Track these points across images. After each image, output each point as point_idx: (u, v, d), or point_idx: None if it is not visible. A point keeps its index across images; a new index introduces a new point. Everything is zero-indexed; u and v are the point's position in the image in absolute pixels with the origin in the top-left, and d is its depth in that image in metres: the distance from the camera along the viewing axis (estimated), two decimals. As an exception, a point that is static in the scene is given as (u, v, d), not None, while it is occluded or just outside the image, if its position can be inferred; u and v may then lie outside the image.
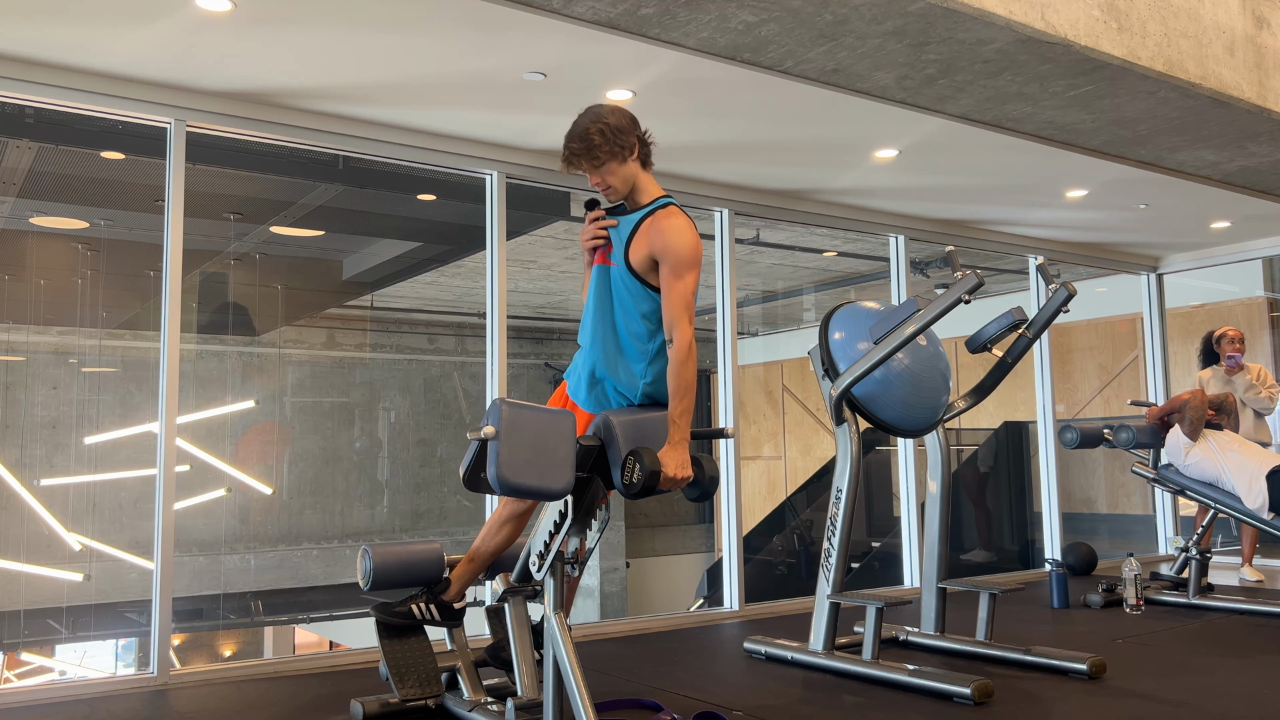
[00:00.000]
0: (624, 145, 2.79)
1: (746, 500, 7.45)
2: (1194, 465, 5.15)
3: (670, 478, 2.59)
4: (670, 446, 2.64)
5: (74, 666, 9.32)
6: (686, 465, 2.64)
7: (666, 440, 2.66)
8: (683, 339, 2.69)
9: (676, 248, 2.72)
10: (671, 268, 2.72)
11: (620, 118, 2.81)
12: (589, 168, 2.80)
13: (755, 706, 3.35)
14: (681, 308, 2.71)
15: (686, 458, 2.65)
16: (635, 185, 2.86)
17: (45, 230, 6.76)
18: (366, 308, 9.54)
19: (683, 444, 2.66)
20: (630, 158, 2.81)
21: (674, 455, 2.63)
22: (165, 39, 3.48)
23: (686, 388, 2.69)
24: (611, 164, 2.79)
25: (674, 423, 2.67)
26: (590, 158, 2.78)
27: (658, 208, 2.81)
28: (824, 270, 8.39)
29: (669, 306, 2.73)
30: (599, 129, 2.77)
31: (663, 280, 2.74)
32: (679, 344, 2.70)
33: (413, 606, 3.22)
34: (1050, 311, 4.31)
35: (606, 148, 2.77)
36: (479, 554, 3.15)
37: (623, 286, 2.84)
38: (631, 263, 2.81)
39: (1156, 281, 7.60)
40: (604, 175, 2.81)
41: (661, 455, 2.61)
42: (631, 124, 2.83)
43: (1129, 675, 3.72)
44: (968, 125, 4.47)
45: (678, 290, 2.72)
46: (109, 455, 8.13)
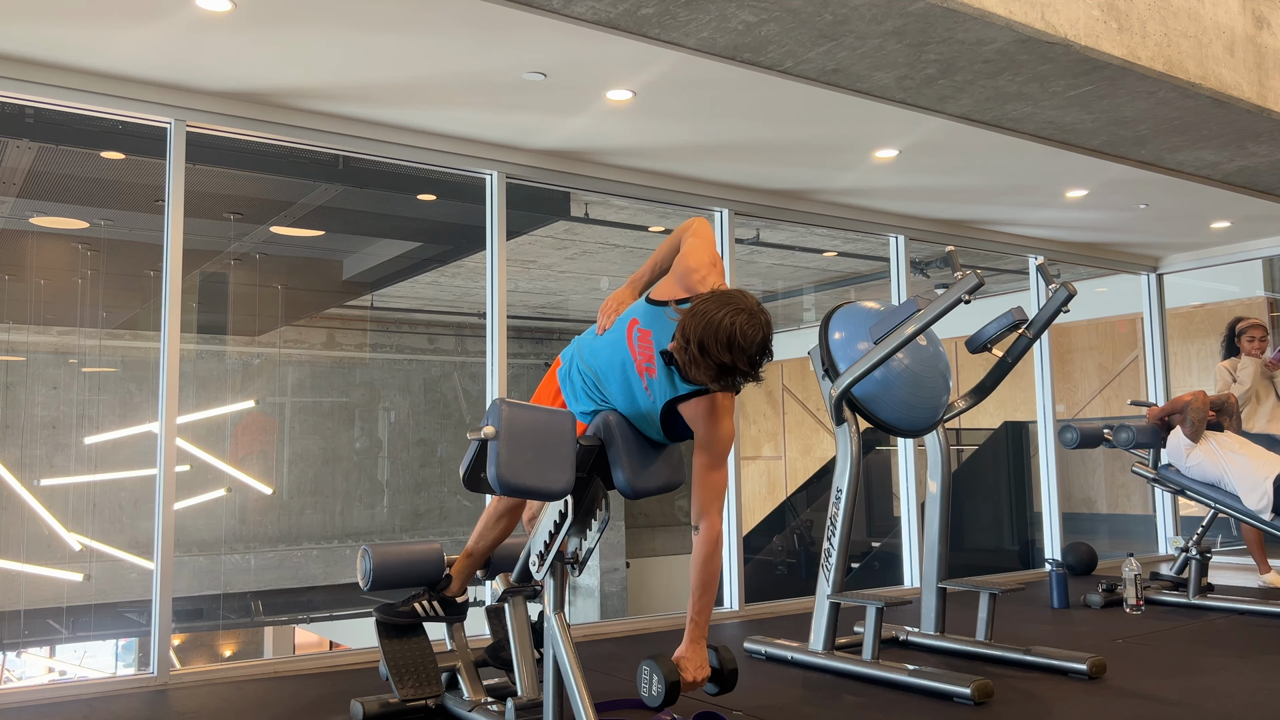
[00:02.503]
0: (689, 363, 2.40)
1: (746, 500, 7.45)
2: (1195, 466, 5.15)
3: (690, 682, 2.49)
4: (688, 645, 2.54)
5: (74, 666, 9.32)
6: (705, 665, 2.53)
7: (684, 638, 2.56)
8: (711, 530, 2.54)
9: (724, 439, 2.55)
10: (712, 459, 2.55)
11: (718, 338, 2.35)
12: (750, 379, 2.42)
13: (755, 706, 3.35)
14: (713, 498, 2.55)
15: (705, 657, 2.55)
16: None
17: (45, 230, 6.76)
18: (366, 308, 9.53)
19: (701, 641, 2.55)
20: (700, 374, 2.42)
21: (693, 656, 2.52)
22: (165, 39, 3.48)
23: (710, 584, 2.55)
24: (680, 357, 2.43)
25: (693, 621, 2.55)
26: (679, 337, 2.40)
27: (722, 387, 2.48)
28: (824, 270, 8.39)
29: (702, 494, 2.55)
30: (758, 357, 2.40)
31: (698, 465, 2.56)
32: (708, 535, 2.54)
33: (416, 605, 3.23)
34: (1050, 311, 4.31)
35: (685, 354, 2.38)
36: (476, 549, 3.17)
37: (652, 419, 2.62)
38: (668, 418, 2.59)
39: (1156, 281, 7.60)
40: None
41: (679, 658, 2.53)
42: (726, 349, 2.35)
43: (1129, 675, 3.72)
44: (968, 125, 4.47)
45: (714, 481, 2.56)
46: (109, 455, 8.13)
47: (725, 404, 2.56)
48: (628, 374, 2.64)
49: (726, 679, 2.57)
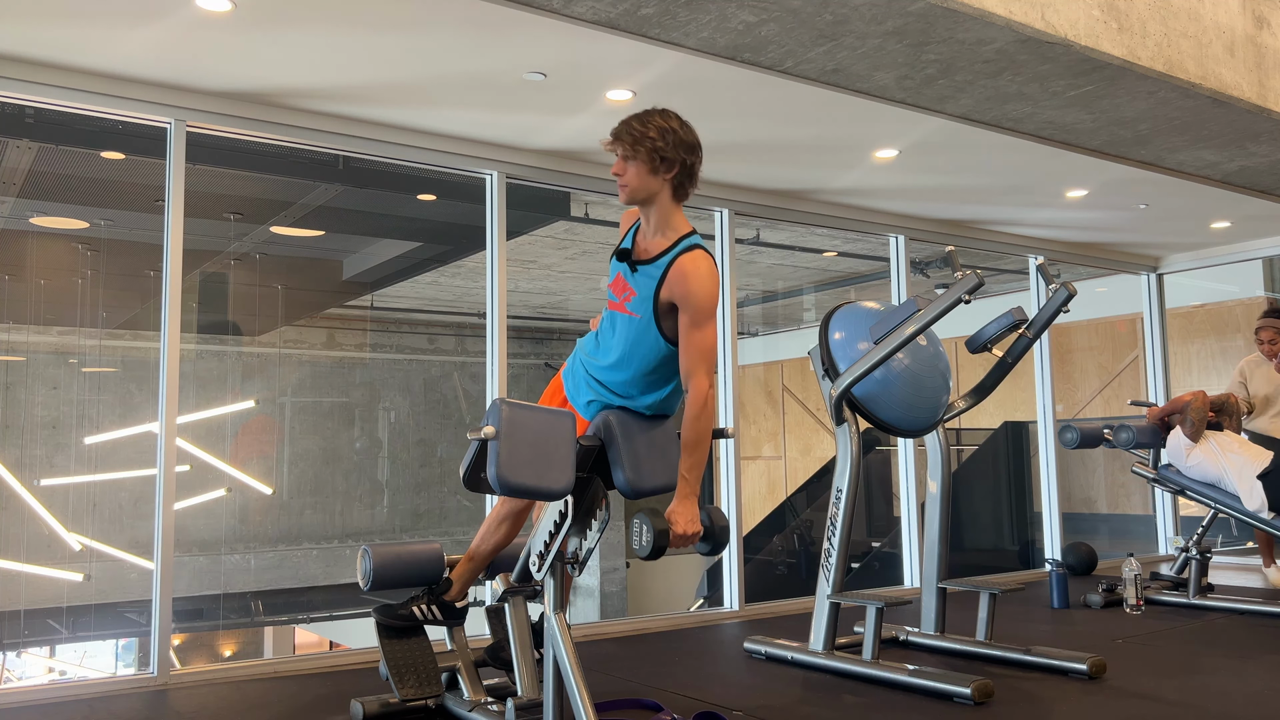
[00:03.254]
0: (665, 158, 2.65)
1: (746, 500, 7.45)
2: (1195, 466, 5.15)
3: (680, 535, 2.52)
4: (679, 501, 2.57)
5: (74, 666, 9.32)
6: (696, 521, 2.56)
7: (675, 495, 2.60)
8: (699, 391, 2.59)
9: (699, 296, 2.60)
10: (692, 317, 2.61)
11: (687, 135, 2.70)
12: (623, 151, 2.66)
13: (755, 706, 3.35)
14: (699, 358, 2.61)
15: (696, 513, 2.57)
16: (658, 212, 2.71)
17: (45, 230, 6.76)
18: (366, 308, 9.54)
19: (692, 498, 2.58)
20: (664, 174, 2.66)
21: (683, 511, 2.55)
22: (165, 39, 3.48)
23: (700, 441, 2.60)
24: (643, 163, 2.65)
25: (683, 477, 2.59)
26: (631, 141, 2.65)
27: (683, 250, 2.66)
28: (824, 270, 8.39)
29: (687, 356, 2.62)
30: (661, 126, 2.66)
31: (681, 328, 2.63)
32: (695, 395, 2.59)
33: (414, 609, 3.22)
34: (1050, 311, 4.31)
35: (649, 151, 2.64)
36: (478, 553, 3.17)
37: (651, 337, 2.71)
38: (659, 313, 2.68)
39: (1156, 281, 7.61)
40: (629, 167, 2.67)
41: (670, 512, 2.55)
42: (687, 146, 2.69)
43: (1129, 675, 3.72)
44: (968, 125, 4.47)
45: (696, 340, 2.61)
46: (109, 455, 8.13)
47: (695, 263, 2.64)
48: (617, 321, 2.77)
49: (718, 537, 2.60)
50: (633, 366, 2.74)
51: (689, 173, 2.71)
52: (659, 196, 2.70)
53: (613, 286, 2.82)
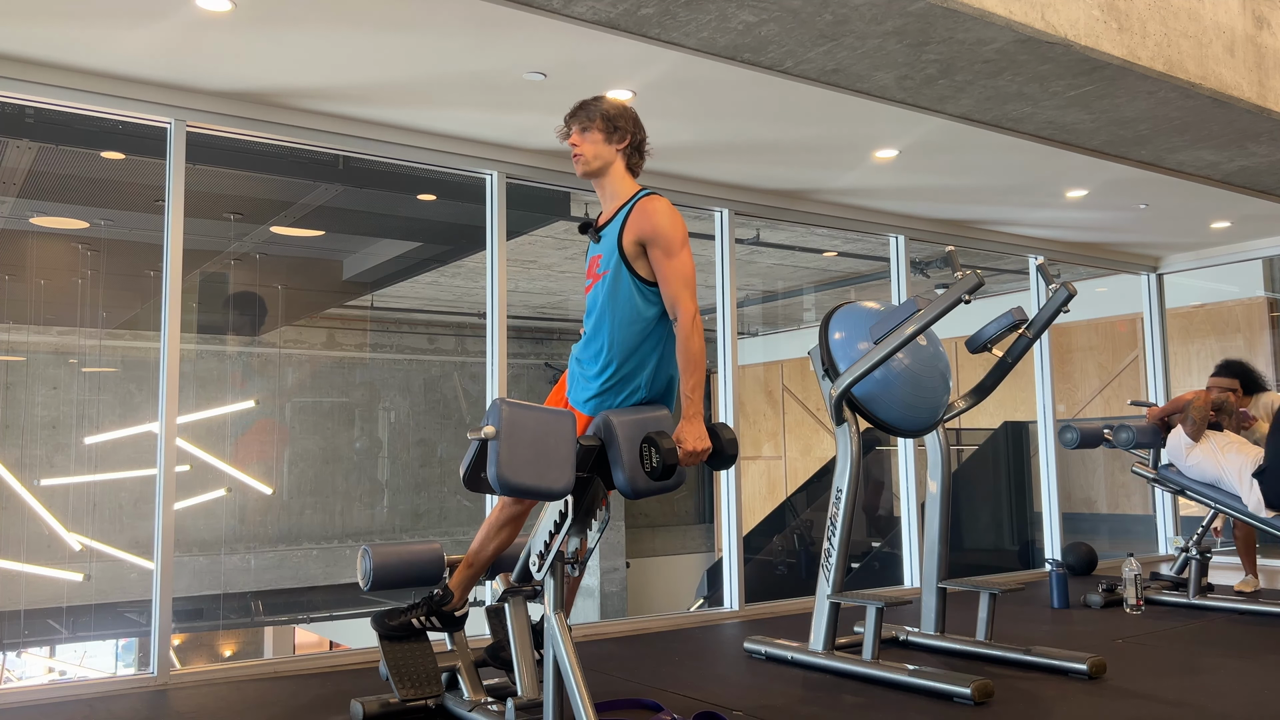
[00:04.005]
0: (618, 128, 2.88)
1: (746, 500, 7.45)
2: (1195, 466, 5.14)
3: (690, 451, 2.62)
4: (685, 421, 2.66)
5: (74, 666, 9.32)
6: (704, 437, 2.65)
7: (681, 416, 2.68)
8: (686, 313, 2.72)
9: (663, 227, 2.75)
10: (664, 249, 2.75)
11: (629, 110, 2.93)
12: (576, 125, 2.90)
13: (755, 706, 3.35)
14: (681, 284, 2.74)
15: (703, 430, 2.66)
16: (611, 181, 2.91)
17: (45, 230, 6.76)
18: (366, 308, 9.54)
19: (698, 417, 2.68)
20: (616, 144, 2.89)
21: (690, 429, 2.64)
22: (165, 39, 3.48)
23: (696, 361, 2.70)
24: (596, 133, 2.88)
25: (687, 398, 2.70)
26: (585, 115, 2.89)
27: (638, 199, 2.84)
28: (824, 270, 8.39)
29: (668, 285, 2.75)
30: (609, 103, 2.92)
31: (656, 263, 2.77)
32: (683, 318, 2.72)
33: (411, 620, 3.19)
34: (1050, 311, 4.31)
35: (602, 119, 2.87)
36: (477, 559, 3.13)
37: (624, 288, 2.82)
38: (627, 258, 2.81)
39: (1156, 281, 7.61)
40: (583, 139, 2.89)
41: (678, 433, 2.64)
42: (635, 121, 2.93)
43: (1129, 675, 3.72)
44: (968, 125, 4.47)
45: (673, 268, 2.75)
46: (109, 455, 8.13)
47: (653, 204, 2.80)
48: (595, 293, 2.90)
49: (726, 450, 2.67)
50: (616, 330, 2.82)
51: (638, 147, 2.94)
52: (613, 167, 2.91)
53: (587, 274, 2.97)
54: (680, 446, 2.61)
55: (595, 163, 2.90)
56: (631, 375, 2.82)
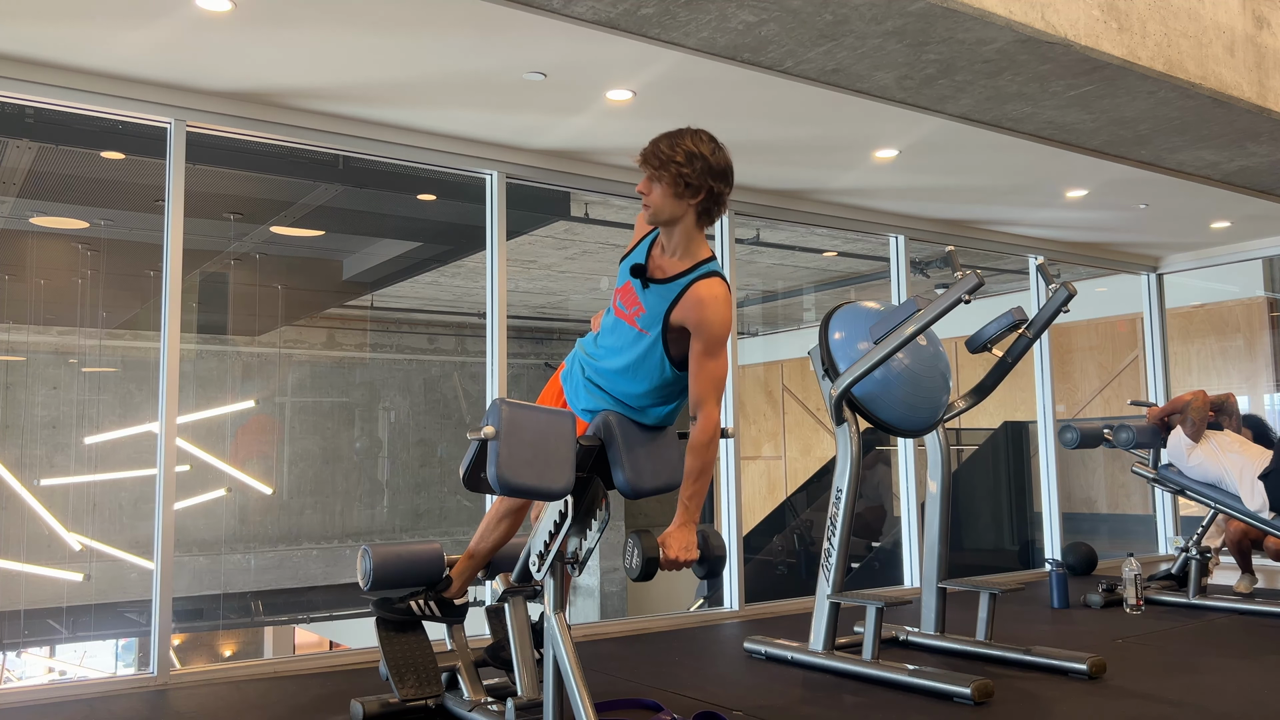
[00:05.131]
0: (693, 183, 2.56)
1: (746, 500, 7.45)
2: (1197, 466, 5.14)
3: (672, 560, 2.50)
4: (677, 528, 2.55)
5: (74, 666, 9.32)
6: (691, 547, 2.53)
7: (674, 520, 2.57)
8: (709, 420, 2.56)
9: (712, 326, 2.55)
10: (706, 345, 2.56)
11: (717, 160, 2.59)
12: (650, 170, 2.60)
13: (755, 706, 3.35)
14: (710, 387, 2.57)
15: (692, 539, 2.54)
16: (680, 236, 2.63)
17: (45, 230, 6.76)
18: (366, 308, 9.53)
19: (690, 525, 2.56)
20: (689, 199, 2.58)
21: (679, 537, 2.53)
22: (165, 39, 3.48)
23: (704, 470, 2.57)
24: (668, 186, 2.57)
25: (683, 504, 2.57)
26: (657, 160, 2.58)
27: (700, 276, 2.60)
28: (824, 270, 8.39)
29: (698, 384, 2.57)
30: (689, 151, 2.57)
31: (694, 355, 2.58)
32: (704, 424, 2.56)
33: (413, 603, 3.23)
34: (1050, 311, 4.31)
35: (676, 170, 2.56)
36: (478, 550, 3.17)
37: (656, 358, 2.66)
38: (668, 335, 2.62)
39: (1156, 281, 7.60)
40: (654, 187, 2.60)
41: (665, 536, 2.53)
42: (719, 174, 2.59)
43: (1129, 675, 3.72)
44: (968, 125, 4.46)
45: (710, 370, 2.57)
46: (109, 455, 8.13)
47: (712, 289, 2.59)
48: (624, 333, 2.71)
49: (713, 563, 2.56)
50: (638, 382, 2.71)
51: (716, 199, 2.61)
52: (683, 220, 2.61)
53: (621, 294, 2.75)
54: (664, 550, 2.49)
55: (663, 215, 2.61)
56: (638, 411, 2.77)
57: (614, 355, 2.75)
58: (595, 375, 2.80)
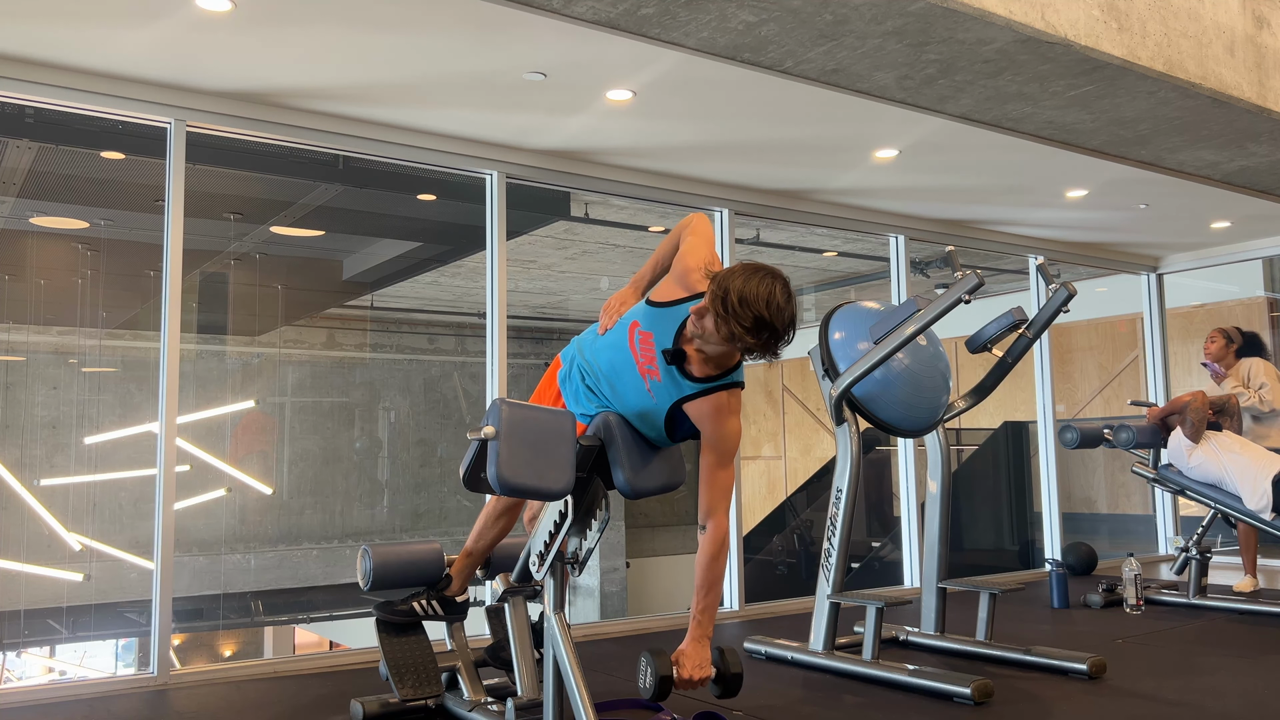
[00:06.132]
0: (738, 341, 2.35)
1: (746, 500, 7.45)
2: (1198, 467, 5.14)
3: (686, 680, 2.44)
4: (691, 643, 2.49)
5: (74, 666, 9.32)
6: (706, 664, 2.47)
7: (687, 635, 2.52)
8: (719, 529, 2.51)
9: (729, 439, 2.53)
10: (718, 457, 2.53)
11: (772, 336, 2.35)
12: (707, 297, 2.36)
13: (755, 706, 3.35)
14: (720, 495, 2.53)
15: (707, 656, 2.49)
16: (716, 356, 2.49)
17: (45, 230, 6.76)
18: (366, 308, 9.53)
19: (704, 641, 2.50)
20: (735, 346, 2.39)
21: (693, 655, 2.47)
22: (165, 39, 3.48)
23: (715, 583, 2.52)
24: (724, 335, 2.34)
25: (695, 620, 2.51)
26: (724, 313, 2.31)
27: (728, 385, 2.52)
28: (824, 270, 8.39)
29: (709, 493, 2.53)
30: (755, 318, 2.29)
31: (705, 464, 2.53)
32: (714, 533, 2.51)
33: (415, 604, 3.23)
34: (1050, 311, 4.31)
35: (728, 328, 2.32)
36: (475, 548, 3.18)
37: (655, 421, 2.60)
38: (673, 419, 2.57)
39: (1156, 281, 7.60)
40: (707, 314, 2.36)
41: (678, 654, 2.48)
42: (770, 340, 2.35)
43: (1129, 675, 3.72)
44: (968, 125, 4.46)
45: (720, 480, 2.53)
46: (109, 455, 8.13)
47: (731, 402, 2.53)
48: (629, 376, 2.63)
49: (729, 682, 2.49)
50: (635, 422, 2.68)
51: (767, 349, 2.38)
52: (726, 352, 2.47)
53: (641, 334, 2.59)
54: (678, 670, 2.44)
55: (708, 348, 2.45)
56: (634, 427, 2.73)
57: (616, 386, 2.66)
58: (594, 385, 2.75)
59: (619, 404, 2.68)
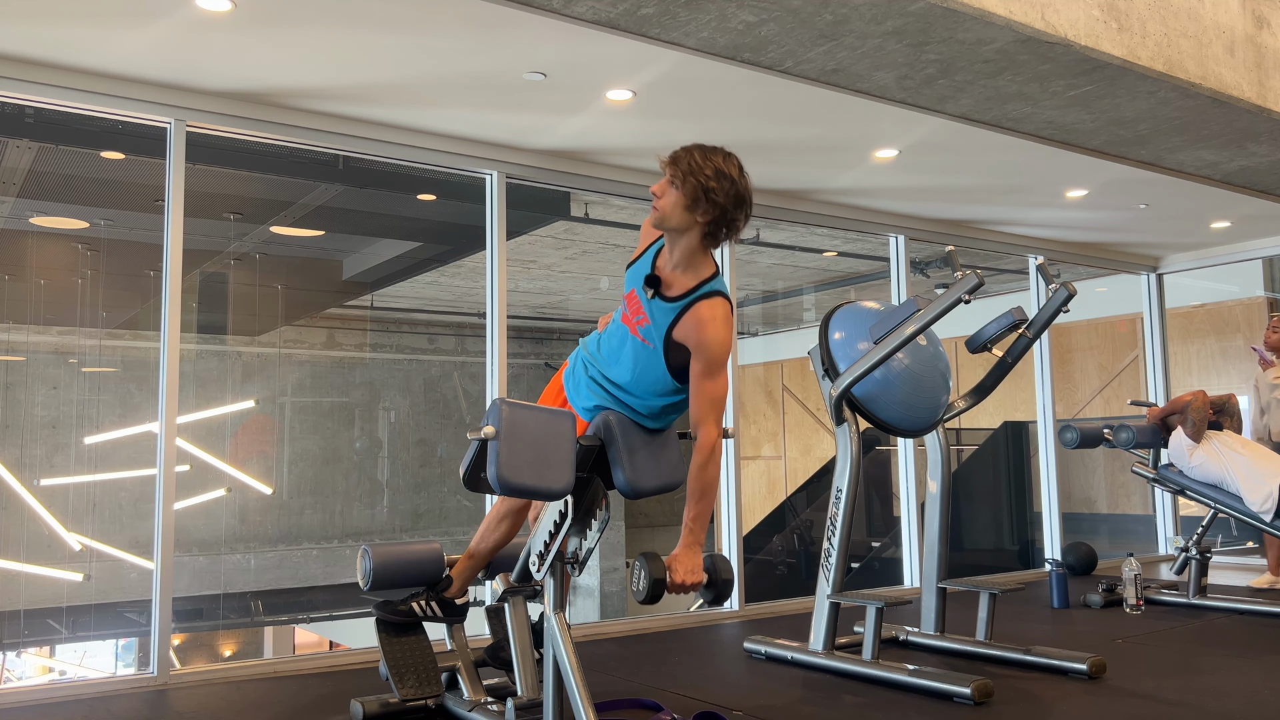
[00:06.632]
0: (714, 200, 2.53)
1: (746, 500, 7.45)
2: (1199, 467, 5.13)
3: (679, 584, 2.49)
4: (683, 549, 2.53)
5: (74, 666, 9.33)
6: (698, 570, 2.52)
7: (679, 542, 2.56)
8: (708, 438, 2.55)
9: (713, 346, 2.56)
10: (705, 366, 2.57)
11: (742, 186, 2.58)
12: (668, 173, 2.59)
13: (755, 706, 3.35)
14: (709, 406, 2.57)
15: (699, 563, 2.53)
16: (683, 249, 2.61)
17: (45, 230, 6.76)
18: (366, 308, 9.53)
19: (696, 547, 2.54)
20: (700, 215, 2.55)
21: (686, 560, 2.51)
22: (165, 39, 3.48)
23: (706, 491, 2.56)
24: (686, 196, 2.54)
25: (687, 526, 2.56)
26: (685, 171, 2.55)
27: (703, 295, 2.60)
28: (824, 270, 8.39)
29: (697, 404, 2.58)
30: (719, 168, 2.56)
31: (694, 375, 2.58)
32: (703, 442, 2.55)
33: (414, 604, 3.23)
34: (1050, 311, 4.31)
35: (698, 187, 2.53)
36: (478, 551, 3.17)
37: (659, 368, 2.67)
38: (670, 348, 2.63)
39: (1156, 281, 7.60)
40: (668, 192, 2.57)
41: (671, 559, 2.52)
42: (738, 202, 2.57)
43: (1129, 675, 3.72)
44: (968, 125, 4.47)
45: (708, 389, 2.57)
46: (109, 455, 8.13)
47: (713, 311, 2.59)
48: (627, 342, 2.71)
49: (720, 588, 2.55)
50: (641, 389, 2.72)
51: (728, 224, 2.59)
52: (687, 234, 2.60)
53: (628, 299, 2.74)
54: (671, 574, 2.49)
55: (670, 223, 2.59)
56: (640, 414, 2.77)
57: (617, 361, 2.75)
58: (598, 375, 2.81)
59: (622, 375, 2.72)
